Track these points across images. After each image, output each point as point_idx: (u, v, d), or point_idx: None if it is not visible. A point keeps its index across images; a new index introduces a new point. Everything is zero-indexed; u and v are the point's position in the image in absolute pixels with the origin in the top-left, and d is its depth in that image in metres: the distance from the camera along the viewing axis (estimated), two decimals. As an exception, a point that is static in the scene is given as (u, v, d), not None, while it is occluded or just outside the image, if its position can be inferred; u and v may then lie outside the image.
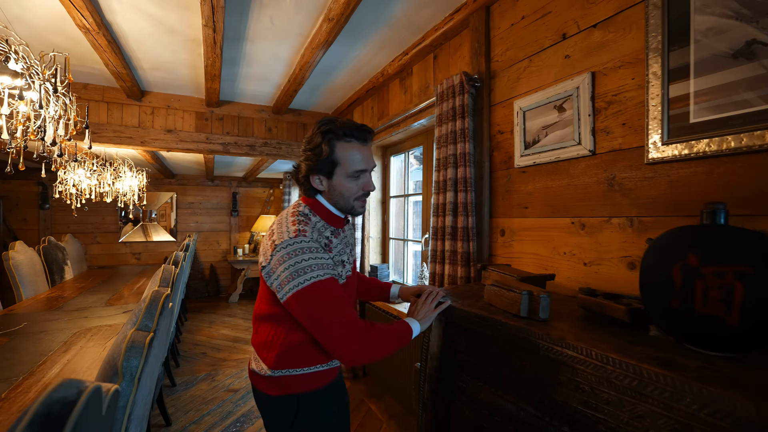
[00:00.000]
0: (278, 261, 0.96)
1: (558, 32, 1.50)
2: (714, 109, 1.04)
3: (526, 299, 1.04)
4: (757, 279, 0.73)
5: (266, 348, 1.06)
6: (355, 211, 1.11)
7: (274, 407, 1.06)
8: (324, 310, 0.93)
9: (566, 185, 1.46)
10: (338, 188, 1.07)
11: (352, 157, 1.04)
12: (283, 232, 0.98)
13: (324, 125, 1.04)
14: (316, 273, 0.94)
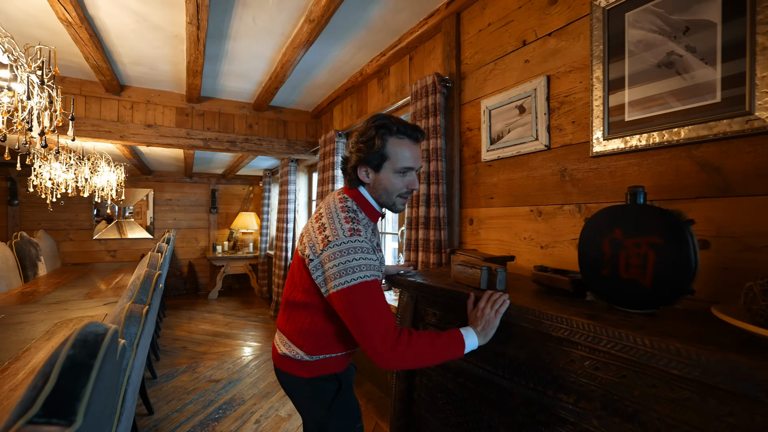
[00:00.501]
0: (329, 257, 0.98)
1: (519, 39, 1.66)
2: (643, 108, 1.21)
3: (486, 274, 1.18)
4: (665, 247, 0.89)
5: (303, 335, 1.10)
6: (396, 208, 1.14)
7: (313, 388, 1.12)
8: (365, 311, 0.94)
9: (526, 177, 1.62)
10: (384, 182, 1.09)
11: (402, 153, 1.07)
12: (338, 229, 1.00)
13: (379, 120, 1.07)
14: (364, 273, 0.96)
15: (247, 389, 2.85)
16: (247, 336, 4.13)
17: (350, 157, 1.13)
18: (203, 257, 6.52)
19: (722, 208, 1.05)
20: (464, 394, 1.17)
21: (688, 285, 0.87)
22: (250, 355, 3.56)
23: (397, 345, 0.92)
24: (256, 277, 6.21)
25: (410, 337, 0.94)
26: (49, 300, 2.78)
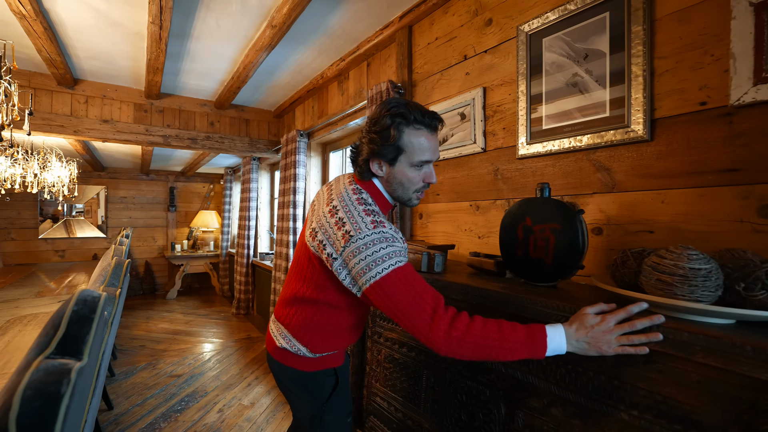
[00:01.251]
0: (353, 252, 0.90)
1: (461, 53, 1.87)
2: (556, 119, 1.45)
3: (426, 257, 1.38)
4: (562, 231, 1.11)
5: (310, 332, 1.07)
6: (411, 203, 1.08)
7: (312, 382, 1.11)
8: (406, 298, 0.87)
9: (466, 176, 1.84)
10: (399, 177, 1.02)
11: (420, 145, 0.99)
12: (359, 223, 0.92)
13: (395, 107, 0.98)
14: (395, 260, 0.89)
15: (209, 382, 2.90)
16: (208, 333, 4.13)
17: (361, 148, 1.04)
18: (161, 256, 6.35)
19: (610, 202, 1.31)
20: (408, 361, 1.36)
21: (578, 261, 1.10)
22: (212, 350, 3.59)
23: (453, 330, 0.83)
24: (217, 276, 6.14)
25: (471, 323, 0.84)
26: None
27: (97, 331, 0.63)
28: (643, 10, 1.20)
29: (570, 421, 0.88)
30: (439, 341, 0.83)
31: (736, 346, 0.64)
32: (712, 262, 0.79)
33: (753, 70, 0.99)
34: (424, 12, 2.05)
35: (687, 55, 1.13)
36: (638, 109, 1.22)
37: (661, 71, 1.18)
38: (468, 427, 1.13)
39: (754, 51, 0.99)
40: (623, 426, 0.79)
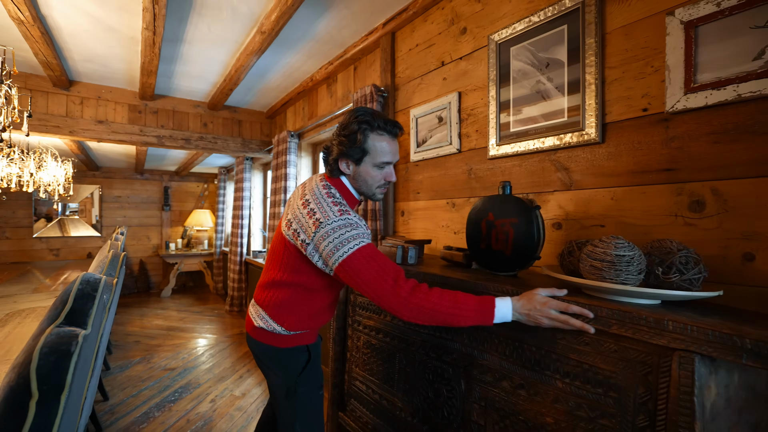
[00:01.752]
0: (322, 237, 1.04)
1: (439, 60, 1.99)
2: (522, 122, 1.57)
3: (401, 251, 1.49)
4: (520, 225, 1.22)
5: (284, 311, 1.20)
6: (375, 197, 1.24)
7: (286, 358, 1.22)
8: (369, 272, 1.00)
9: (443, 175, 1.95)
10: (363, 175, 1.17)
11: (382, 148, 1.14)
12: (327, 211, 1.07)
13: (362, 115, 1.14)
14: (358, 241, 1.04)
15: (202, 375, 3.00)
16: (202, 329, 4.22)
17: (332, 149, 1.19)
18: (155, 255, 6.42)
19: (568, 199, 1.42)
20: (383, 346, 1.47)
21: (535, 252, 1.21)
22: (206, 345, 3.68)
23: (413, 295, 0.96)
24: (211, 274, 6.22)
25: (430, 291, 0.97)
26: (-5, 294, 2.77)
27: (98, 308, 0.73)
28: (596, 24, 1.32)
29: (516, 391, 1.00)
30: (401, 307, 0.97)
31: (641, 318, 0.76)
32: (636, 250, 0.91)
33: (684, 80, 1.11)
34: (405, 19, 2.16)
35: (632, 65, 1.25)
36: (591, 114, 1.34)
37: (611, 80, 1.30)
38: (434, 402, 1.24)
39: (685, 64, 1.11)
40: (558, 392, 0.91)
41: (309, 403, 1.24)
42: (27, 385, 0.58)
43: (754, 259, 1.00)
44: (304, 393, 1.22)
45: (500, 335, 1.06)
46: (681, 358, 0.70)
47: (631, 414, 0.78)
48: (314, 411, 1.26)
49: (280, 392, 1.24)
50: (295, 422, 1.22)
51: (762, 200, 0.99)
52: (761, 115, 0.99)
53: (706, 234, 1.09)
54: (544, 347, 0.95)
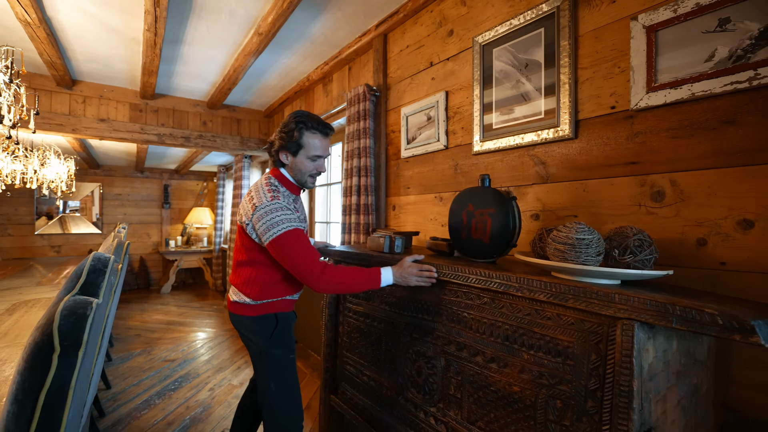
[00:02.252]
0: (258, 218, 1.29)
1: (428, 60, 2.08)
2: (504, 120, 1.66)
3: (388, 240, 1.58)
4: (497, 215, 1.31)
5: (249, 284, 1.41)
6: (307, 185, 1.48)
7: (258, 325, 1.41)
8: (293, 251, 1.25)
9: (432, 170, 2.04)
10: (299, 165, 1.42)
11: (314, 144, 1.40)
12: (262, 197, 1.32)
13: (299, 117, 1.39)
14: (287, 224, 1.27)
15: (201, 366, 3.09)
16: (201, 323, 4.31)
17: (274, 143, 1.43)
18: (155, 252, 6.51)
19: (545, 191, 1.52)
20: (371, 330, 1.56)
21: (511, 240, 1.30)
22: (205, 338, 3.77)
23: (324, 273, 1.24)
24: (210, 271, 6.31)
25: (336, 268, 1.27)
26: (0, 287, 2.86)
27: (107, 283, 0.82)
28: (569, 28, 1.42)
29: (488, 365, 1.09)
30: (316, 281, 1.24)
31: (593, 293, 0.85)
32: (595, 234, 1.00)
33: (646, 80, 1.20)
34: (397, 22, 2.26)
35: (602, 66, 1.34)
36: (566, 112, 1.43)
37: (583, 79, 1.39)
38: (416, 379, 1.33)
39: (647, 65, 1.20)
40: (524, 363, 1.00)
41: (281, 364, 1.41)
42: (50, 341, 0.67)
43: (706, 244, 1.10)
44: (276, 355, 1.40)
45: (476, 318, 1.15)
46: (624, 325, 0.79)
47: (585, 379, 0.88)
48: (287, 371, 1.42)
49: (256, 356, 1.43)
50: (270, 381, 1.40)
51: (713, 190, 1.09)
52: (712, 112, 1.09)
53: (666, 222, 1.18)
54: (511, 322, 1.04)
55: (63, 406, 0.68)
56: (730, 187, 1.06)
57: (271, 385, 1.39)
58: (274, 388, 1.39)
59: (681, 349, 0.86)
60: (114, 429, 2.17)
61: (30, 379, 0.66)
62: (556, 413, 0.93)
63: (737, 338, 0.67)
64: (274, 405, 1.39)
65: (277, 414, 1.40)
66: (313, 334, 3.24)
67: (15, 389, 0.67)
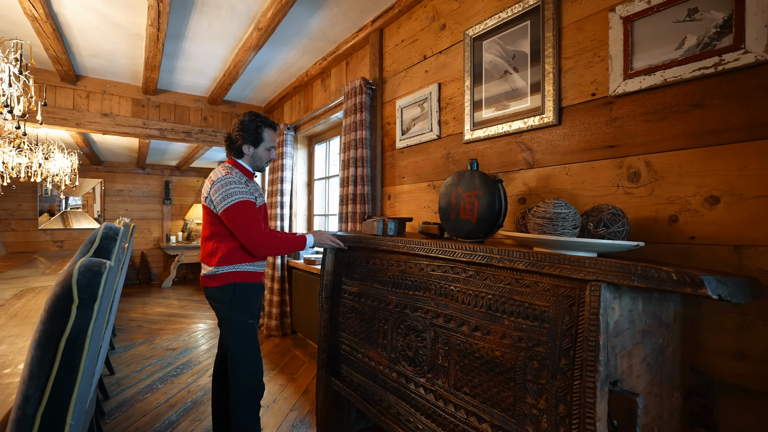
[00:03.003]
0: (214, 191, 1.60)
1: (421, 54, 2.15)
2: (493, 109, 1.74)
3: (381, 223, 1.65)
4: (483, 197, 1.39)
5: (212, 255, 1.65)
6: (263, 169, 1.84)
7: (220, 293, 1.64)
8: (241, 219, 1.56)
9: (425, 160, 2.12)
10: (259, 154, 1.79)
11: (270, 137, 1.79)
12: (218, 174, 1.65)
13: (257, 117, 1.75)
14: (238, 196, 1.58)
15: (202, 353, 3.16)
16: (202, 315, 4.38)
17: (237, 138, 1.73)
18: (157, 247, 6.58)
19: (531, 176, 1.59)
20: (364, 309, 1.64)
21: (497, 221, 1.38)
22: (205, 329, 3.85)
23: (269, 236, 1.59)
24: (210, 266, 6.38)
25: (274, 233, 1.62)
26: (6, 276, 2.94)
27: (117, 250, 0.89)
28: (553, 20, 1.49)
29: (473, 333, 1.17)
30: (259, 244, 1.57)
31: (566, 259, 0.93)
32: (571, 209, 1.08)
33: (623, 67, 1.28)
34: (392, 17, 2.33)
35: (583, 56, 1.41)
36: (550, 100, 1.50)
37: (566, 69, 1.47)
38: (407, 353, 1.41)
39: (624, 53, 1.27)
40: (505, 329, 1.07)
41: (240, 328, 1.64)
42: (70, 294, 0.74)
43: (678, 220, 1.17)
44: (235, 320, 1.63)
45: (462, 290, 1.22)
46: (592, 286, 0.87)
47: (559, 339, 0.95)
48: (246, 335, 1.65)
49: (220, 321, 1.70)
50: (231, 342, 1.63)
51: (683, 169, 1.16)
52: (682, 96, 1.16)
53: (641, 201, 1.25)
54: (494, 293, 1.11)
55: (81, 352, 0.75)
56: (698, 166, 1.13)
57: (231, 345, 1.63)
58: (233, 348, 1.63)
59: (647, 311, 0.93)
60: (118, 410, 2.24)
61: (51, 327, 0.74)
62: (534, 373, 1.00)
63: (689, 291, 0.74)
64: (234, 363, 1.63)
65: (237, 370, 1.63)
66: (310, 324, 3.31)
67: (38, 336, 0.74)
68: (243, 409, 1.63)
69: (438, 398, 1.28)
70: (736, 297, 0.80)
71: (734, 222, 1.06)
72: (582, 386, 0.86)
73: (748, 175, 1.04)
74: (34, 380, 0.73)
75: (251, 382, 1.65)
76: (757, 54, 1.01)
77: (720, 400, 1.08)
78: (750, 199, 1.04)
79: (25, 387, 0.73)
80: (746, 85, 1.04)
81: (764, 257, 1.02)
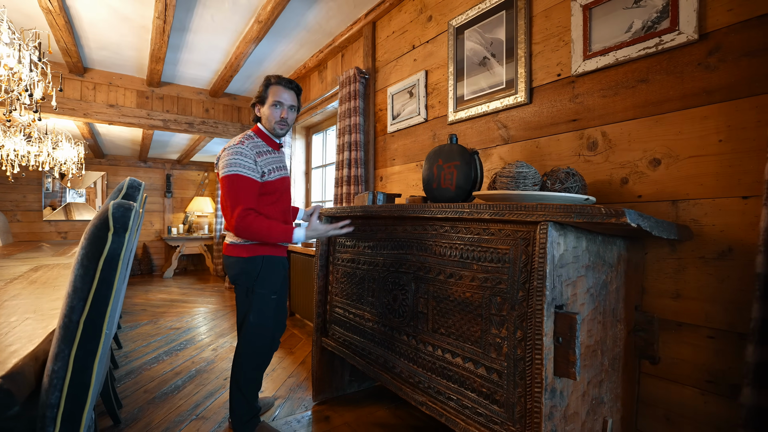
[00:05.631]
0: (223, 156, 1.58)
1: (410, 44, 2.32)
2: (473, 91, 1.90)
3: (371, 195, 1.82)
4: (461, 167, 1.55)
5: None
6: (276, 131, 1.68)
7: (246, 264, 1.61)
8: (231, 193, 1.51)
9: (413, 142, 2.28)
10: (266, 114, 1.66)
11: (275, 91, 1.65)
12: (231, 143, 1.62)
13: (267, 77, 1.69)
14: (237, 169, 1.52)
15: (204, 332, 3.32)
16: (203, 301, 4.54)
17: (254, 103, 1.71)
18: (158, 239, 6.73)
19: (507, 151, 1.76)
20: (356, 272, 1.80)
21: (473, 188, 1.54)
22: (207, 312, 4.00)
23: (246, 219, 1.48)
24: (211, 257, 6.53)
25: (257, 218, 1.50)
26: (20, 257, 3.09)
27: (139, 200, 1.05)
28: (525, 9, 1.66)
29: (447, 280, 1.33)
30: (238, 224, 1.48)
31: (522, 206, 1.09)
32: (531, 169, 1.24)
33: (583, 50, 1.44)
34: (384, 10, 2.49)
35: (550, 41, 1.58)
36: (522, 81, 1.67)
37: (536, 53, 1.63)
38: (392, 306, 1.57)
39: (583, 37, 1.44)
40: (474, 273, 1.24)
41: (262, 301, 1.63)
42: (106, 223, 0.90)
43: (628, 182, 1.34)
44: (259, 294, 1.63)
45: (439, 243, 1.38)
46: (541, 226, 1.03)
47: (517, 275, 1.11)
48: (266, 307, 1.65)
49: (242, 293, 1.65)
50: (250, 313, 1.62)
51: (632, 137, 1.33)
52: (631, 73, 1.33)
53: (598, 167, 1.42)
54: (464, 242, 1.28)
55: (115, 271, 0.91)
56: (644, 133, 1.30)
57: (250, 316, 1.62)
58: (252, 320, 1.62)
59: (591, 250, 1.09)
60: (128, 377, 2.40)
61: (92, 250, 0.90)
62: (497, 307, 1.16)
63: (613, 221, 0.90)
64: (249, 332, 1.64)
65: (251, 339, 1.64)
66: (308, 306, 3.47)
67: (80, 258, 0.90)
68: (247, 375, 1.65)
69: (419, 342, 1.44)
70: (658, 231, 0.97)
71: (672, 180, 1.23)
72: (533, 309, 1.03)
73: (682, 139, 1.21)
74: (78, 293, 0.89)
75: (261, 349, 1.67)
76: (688, 34, 1.18)
77: (661, 335, 1.25)
78: (684, 159, 1.20)
79: (71, 299, 0.89)
80: (680, 62, 1.21)
81: (695, 209, 1.18)
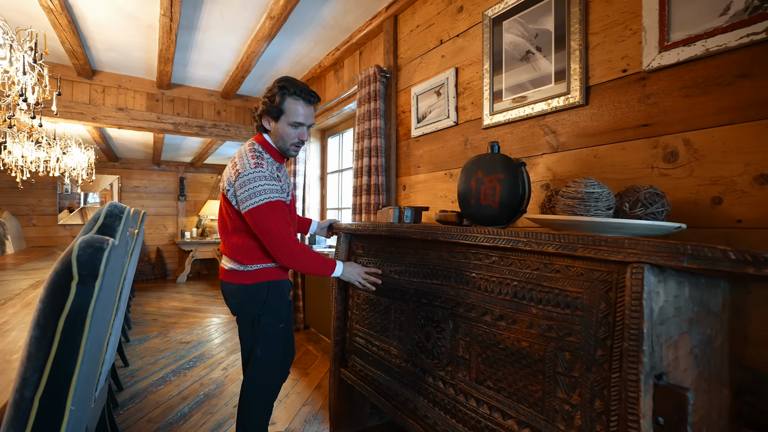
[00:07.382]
0: (240, 185, 1.30)
1: (437, 39, 2.08)
2: (513, 91, 1.65)
3: (397, 211, 1.59)
4: (506, 180, 1.31)
5: (238, 252, 1.41)
6: (289, 153, 1.46)
7: (250, 292, 1.41)
8: (269, 224, 1.28)
9: (441, 147, 2.04)
10: (280, 132, 1.39)
11: (295, 110, 1.36)
12: (245, 164, 1.32)
13: (282, 81, 1.37)
14: (267, 195, 1.29)
15: (215, 347, 3.15)
16: (215, 310, 4.39)
17: (259, 108, 1.42)
18: (172, 243, 6.65)
19: (556, 160, 1.50)
20: (380, 300, 1.58)
21: (520, 206, 1.30)
22: (219, 323, 3.85)
23: (294, 250, 1.32)
24: (224, 263, 6.41)
25: (303, 249, 1.35)
26: (25, 268, 2.97)
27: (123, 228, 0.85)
28: (580, -7, 1.40)
29: (496, 323, 1.09)
30: (284, 258, 1.32)
31: (602, 240, 0.84)
32: (604, 188, 0.99)
33: (658, 39, 1.18)
34: (407, 2, 2.26)
35: (612, 30, 1.32)
36: (576, 78, 1.41)
37: (594, 45, 1.38)
38: (425, 345, 1.34)
39: (659, 24, 1.18)
40: (533, 317, 1.00)
41: (270, 332, 1.44)
42: (69, 270, 0.70)
43: (722, 202, 1.07)
44: (266, 323, 1.43)
45: (484, 277, 1.15)
46: (633, 268, 0.78)
47: (594, 328, 0.87)
48: (274, 338, 1.46)
49: (247, 325, 1.44)
50: (257, 346, 1.42)
51: (728, 146, 1.06)
52: (727, 67, 1.06)
53: (679, 182, 1.16)
54: (520, 279, 1.04)
55: (81, 332, 0.71)
56: (745, 142, 1.03)
57: (258, 351, 1.42)
58: (260, 354, 1.42)
59: (693, 297, 0.84)
60: (132, 401, 2.23)
61: (50, 305, 0.70)
62: (565, 365, 0.92)
63: (751, 271, 0.65)
64: (258, 370, 1.44)
65: (260, 379, 1.44)
66: (323, 319, 3.27)
67: (37, 315, 0.70)
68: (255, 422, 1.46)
69: (458, 392, 1.21)
70: (801, 279, 0.71)
71: (788, 202, 0.96)
72: (622, 379, 0.78)
73: (804, 150, 0.94)
74: (32, 361, 0.69)
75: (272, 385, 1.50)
76: (816, 15, 0.91)
77: (771, 399, 0.99)
78: (807, 176, 0.94)
79: (23, 369, 0.69)
80: (803, 51, 0.94)
81: (824, 240, 0.92)
